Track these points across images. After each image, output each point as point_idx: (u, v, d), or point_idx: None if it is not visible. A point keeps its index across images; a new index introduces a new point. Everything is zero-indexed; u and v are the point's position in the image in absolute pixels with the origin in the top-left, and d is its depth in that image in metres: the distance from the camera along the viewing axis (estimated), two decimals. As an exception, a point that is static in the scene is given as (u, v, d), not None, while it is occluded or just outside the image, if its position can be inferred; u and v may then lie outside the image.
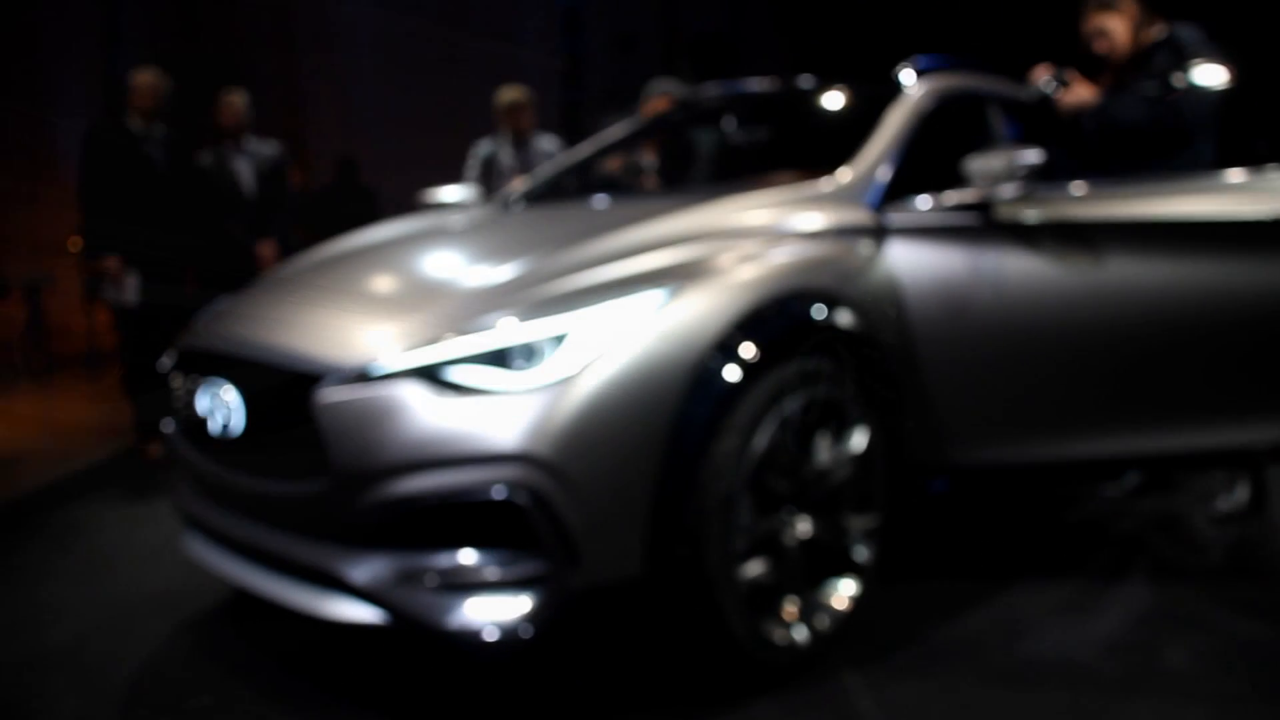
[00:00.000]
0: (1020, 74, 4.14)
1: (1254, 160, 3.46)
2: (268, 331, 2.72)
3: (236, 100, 5.79)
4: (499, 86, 6.28)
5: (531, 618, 2.34)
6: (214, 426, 2.71)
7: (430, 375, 2.40)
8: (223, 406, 2.68)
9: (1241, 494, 4.00)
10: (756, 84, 4.63)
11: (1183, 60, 3.78)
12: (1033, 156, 3.03)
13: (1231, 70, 3.82)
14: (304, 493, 2.49)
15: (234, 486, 2.71)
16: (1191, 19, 3.92)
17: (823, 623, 2.80)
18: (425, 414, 2.35)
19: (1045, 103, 3.98)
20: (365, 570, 2.41)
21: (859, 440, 2.88)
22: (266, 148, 5.95)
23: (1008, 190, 3.05)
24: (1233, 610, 3.13)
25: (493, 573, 2.38)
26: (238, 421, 2.65)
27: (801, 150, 4.51)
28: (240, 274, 5.03)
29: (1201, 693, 2.65)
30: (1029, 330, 3.12)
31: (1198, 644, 2.92)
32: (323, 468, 2.41)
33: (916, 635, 2.99)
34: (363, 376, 2.42)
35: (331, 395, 2.41)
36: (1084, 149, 4.02)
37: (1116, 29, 3.97)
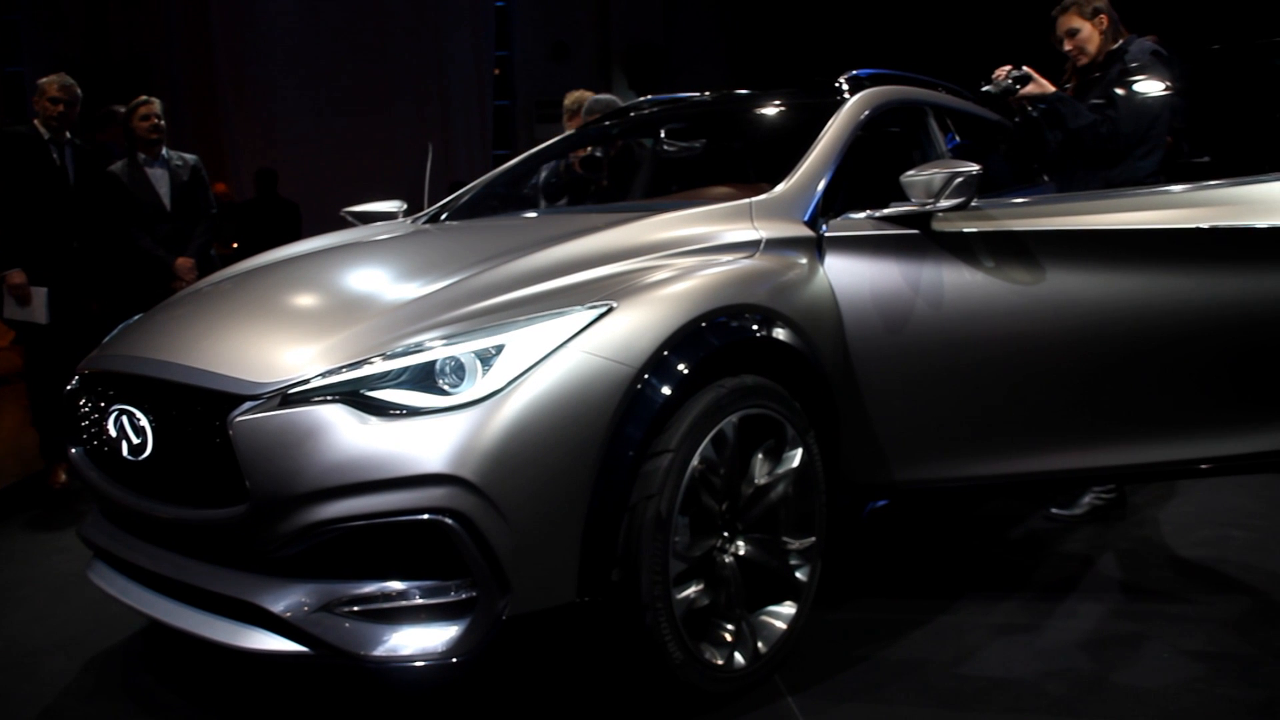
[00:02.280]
0: (968, 78, 4.17)
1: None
2: (181, 350, 2.60)
3: (153, 109, 5.59)
4: (571, 91, 5.93)
5: (460, 646, 2.25)
6: (124, 451, 2.58)
7: (353, 395, 2.31)
8: (133, 430, 2.56)
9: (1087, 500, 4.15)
10: (693, 95, 4.58)
11: (1126, 73, 3.87)
12: (970, 168, 3.00)
13: (1172, 83, 3.90)
14: (219, 519, 2.38)
15: (145, 514, 2.58)
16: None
17: (762, 646, 2.74)
18: (347, 435, 2.26)
19: (1003, 103, 4.03)
20: (285, 600, 2.30)
21: (797, 458, 2.81)
22: (184, 159, 5.76)
23: (945, 202, 3.01)
24: (1175, 626, 3.11)
25: (419, 600, 2.29)
26: (149, 445, 2.53)
27: (738, 162, 4.49)
28: (155, 290, 4.87)
29: (1148, 711, 2.62)
30: (968, 344, 3.09)
31: (1141, 660, 2.90)
32: (239, 493, 2.31)
33: (858, 657, 2.93)
34: (281, 397, 2.31)
35: (248, 417, 2.30)
36: (1036, 156, 4.09)
37: (1086, 33, 4.08)
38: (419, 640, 2.26)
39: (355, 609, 2.29)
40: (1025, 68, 4.00)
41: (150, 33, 11.82)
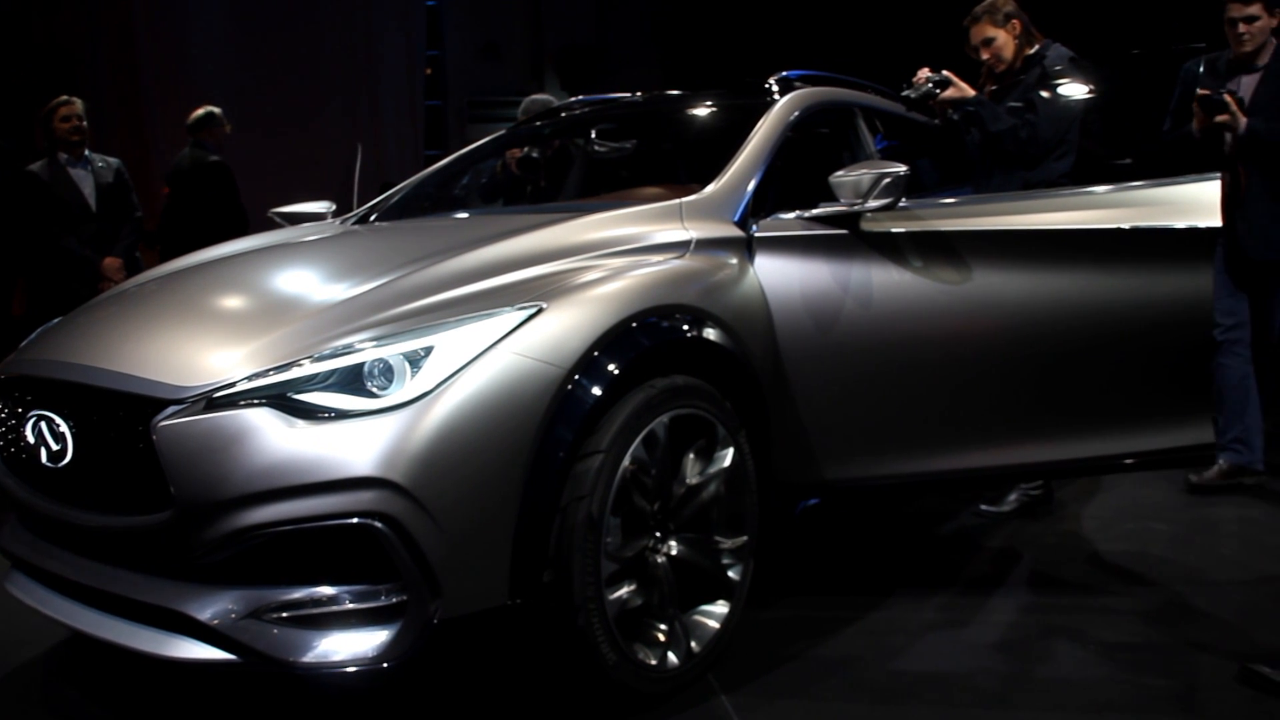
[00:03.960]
0: (897, 81, 4.22)
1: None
2: (102, 354, 2.55)
3: (75, 109, 5.47)
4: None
5: (391, 650, 2.23)
6: (43, 458, 2.52)
7: (280, 398, 2.28)
8: (52, 436, 2.50)
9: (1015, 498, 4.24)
10: (624, 96, 4.58)
11: (1046, 77, 3.94)
12: (898, 169, 3.04)
13: (1092, 87, 3.98)
14: (143, 526, 2.33)
15: (66, 522, 2.52)
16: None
17: (696, 645, 2.74)
18: (274, 439, 2.23)
19: (924, 106, 4.09)
20: (212, 607, 2.26)
21: (728, 458, 2.82)
22: (108, 161, 5.65)
23: (873, 203, 3.05)
24: (1100, 619, 3.17)
25: (349, 605, 2.26)
26: (69, 452, 2.47)
27: (669, 162, 4.50)
28: (80, 291, 4.77)
29: (1074, 702, 2.67)
30: (897, 343, 3.13)
31: (1069, 652, 2.95)
32: (163, 499, 2.27)
33: (791, 655, 2.95)
34: (207, 401, 2.27)
35: (172, 421, 2.26)
36: (961, 158, 4.16)
37: (1001, 41, 4.14)
38: (349, 645, 2.23)
39: (284, 615, 2.25)
40: (945, 72, 4.06)
41: (72, 29, 11.54)
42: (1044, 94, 3.96)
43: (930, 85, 4.02)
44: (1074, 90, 4.00)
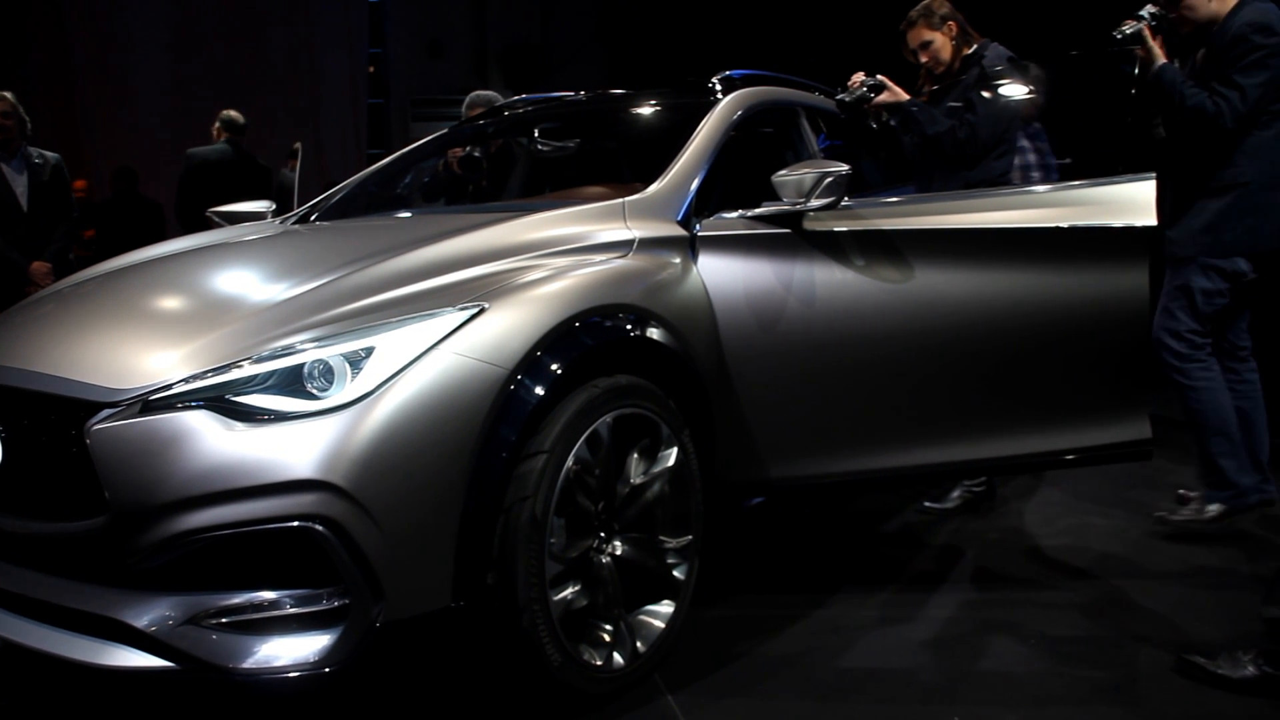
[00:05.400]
0: (839, 80, 4.23)
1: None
2: (34, 356, 2.50)
3: (3, 104, 5.33)
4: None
5: (333, 655, 2.20)
6: (-29, 463, 2.46)
7: (219, 400, 2.25)
8: (-19, 440, 2.44)
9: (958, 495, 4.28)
10: (567, 95, 4.56)
11: (985, 78, 3.95)
12: (840, 168, 3.05)
13: (1030, 88, 4.00)
14: (77, 532, 2.29)
15: (-4, 529, 2.47)
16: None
17: (641, 645, 2.74)
18: (213, 442, 2.20)
19: (859, 111, 4.09)
20: (149, 614, 2.22)
21: (672, 457, 2.82)
22: (45, 157, 5.52)
23: (816, 202, 3.06)
24: (1042, 613, 3.22)
25: (290, 609, 2.24)
26: (-1, 456, 2.42)
27: (612, 161, 4.50)
28: (6, 294, 4.67)
29: (1016, 696, 2.70)
30: (839, 341, 3.15)
31: (1011, 647, 2.99)
32: (98, 504, 2.23)
33: (737, 654, 2.96)
34: (143, 404, 2.24)
35: (107, 425, 2.22)
36: (904, 157, 4.17)
37: (939, 44, 4.13)
38: (291, 650, 2.21)
39: (224, 621, 2.22)
40: (879, 76, 4.06)
41: (3, 25, 11.30)
42: (983, 94, 3.99)
43: (865, 90, 4.02)
44: (1013, 90, 4.03)
